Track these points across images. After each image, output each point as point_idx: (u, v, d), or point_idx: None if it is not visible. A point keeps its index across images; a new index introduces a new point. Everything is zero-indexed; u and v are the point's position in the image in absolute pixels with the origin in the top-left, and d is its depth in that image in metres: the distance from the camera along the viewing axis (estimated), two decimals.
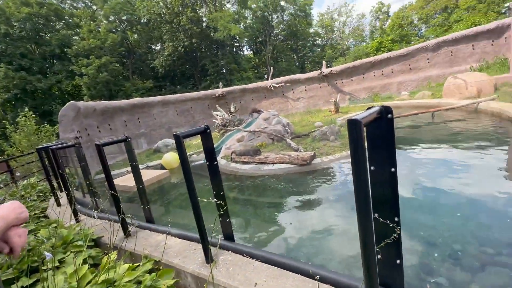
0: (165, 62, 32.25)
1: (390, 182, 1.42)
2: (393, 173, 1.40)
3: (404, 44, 33.23)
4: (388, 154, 1.40)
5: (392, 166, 1.40)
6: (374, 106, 1.42)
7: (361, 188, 1.20)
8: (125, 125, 11.87)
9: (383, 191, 1.44)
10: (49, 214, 4.39)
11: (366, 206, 1.22)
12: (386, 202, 1.45)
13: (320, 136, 7.10)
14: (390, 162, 1.39)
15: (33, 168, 9.81)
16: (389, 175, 1.41)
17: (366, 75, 15.38)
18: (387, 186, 1.43)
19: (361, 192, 1.21)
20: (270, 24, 38.63)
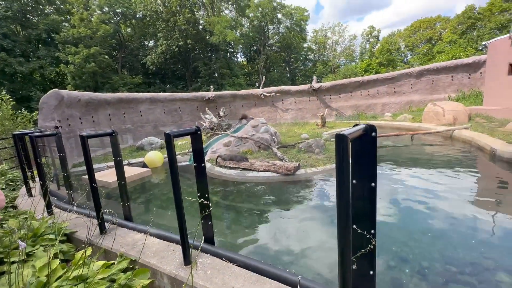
0: (157, 60, 31.83)
1: (369, 196, 1.52)
2: (373, 188, 1.49)
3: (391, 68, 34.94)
4: (369, 170, 1.49)
5: (372, 181, 1.49)
6: (360, 123, 1.52)
7: (343, 200, 1.28)
8: (109, 119, 11.52)
9: (362, 204, 1.53)
10: (19, 205, 4.15)
11: (347, 216, 1.30)
12: (364, 215, 1.53)
13: (305, 148, 7.25)
14: (371, 177, 1.49)
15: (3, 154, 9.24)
16: (369, 189, 1.51)
17: (354, 94, 15.97)
18: (366, 199, 1.52)
19: (342, 203, 1.28)
20: (266, 34, 39.38)
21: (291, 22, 39.89)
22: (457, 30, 35.73)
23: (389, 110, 14.99)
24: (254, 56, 41.16)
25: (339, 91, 16.26)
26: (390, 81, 15.05)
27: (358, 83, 15.77)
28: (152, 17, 31.53)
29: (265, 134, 8.28)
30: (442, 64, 13.96)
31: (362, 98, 15.80)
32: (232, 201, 4.81)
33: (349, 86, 15.99)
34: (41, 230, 2.94)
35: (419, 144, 8.22)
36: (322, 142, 7.43)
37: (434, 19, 40.30)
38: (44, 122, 7.47)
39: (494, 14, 32.83)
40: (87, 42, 27.42)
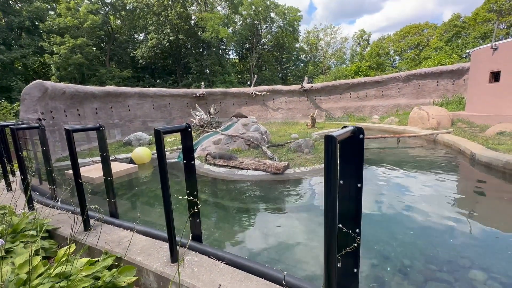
0: (147, 54, 31.13)
1: (355, 196, 1.56)
2: (359, 188, 1.54)
3: (380, 71, 35.73)
4: (356, 171, 1.54)
5: (358, 182, 1.54)
6: (348, 125, 1.56)
7: (330, 199, 1.31)
8: (95, 113, 11.20)
9: (348, 203, 1.57)
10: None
11: (333, 216, 1.34)
12: (350, 214, 1.58)
13: (295, 147, 7.33)
14: (358, 178, 1.54)
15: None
16: (356, 189, 1.55)
17: (343, 96, 16.24)
18: (352, 199, 1.57)
19: (329, 202, 1.32)
20: (259, 33, 39.30)
21: (284, 22, 39.99)
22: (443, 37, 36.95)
23: (377, 112, 15.34)
24: (246, 54, 41.02)
25: (329, 93, 16.49)
26: (378, 84, 15.40)
27: (348, 85, 16.04)
28: (142, 9, 30.80)
29: (255, 133, 8.30)
30: (428, 69, 14.41)
31: (351, 100, 16.09)
32: (220, 199, 4.80)
33: (339, 88, 16.24)
34: (21, 226, 2.84)
35: (405, 146, 8.48)
36: (312, 142, 7.52)
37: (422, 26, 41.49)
38: (26, 114, 7.18)
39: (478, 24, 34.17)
40: (73, 32, 26.45)
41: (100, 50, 30.35)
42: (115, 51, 32.89)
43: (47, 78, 26.97)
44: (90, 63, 27.54)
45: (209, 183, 5.68)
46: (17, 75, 25.77)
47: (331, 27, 45.12)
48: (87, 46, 26.50)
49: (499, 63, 9.40)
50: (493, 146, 6.46)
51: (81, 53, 25.83)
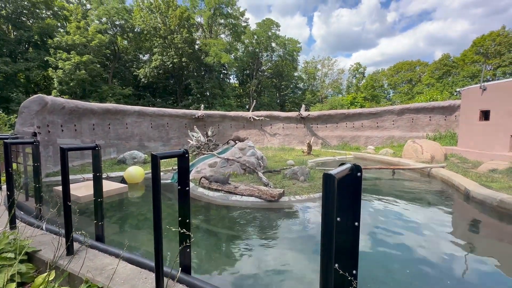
0: (150, 73, 31.91)
1: (352, 235, 1.53)
2: (356, 227, 1.51)
3: (374, 103, 36.93)
4: (353, 209, 1.52)
5: (356, 220, 1.51)
6: (346, 162, 1.57)
7: (327, 239, 1.28)
8: (92, 129, 11.16)
9: (345, 242, 1.53)
10: None
11: (330, 257, 1.30)
12: (346, 254, 1.53)
13: (291, 174, 7.29)
14: (355, 216, 1.51)
15: None
16: (353, 228, 1.52)
17: (339, 125, 16.58)
18: (349, 238, 1.53)
19: (326, 242, 1.29)
20: (259, 60, 40.95)
21: (284, 52, 41.92)
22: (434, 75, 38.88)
23: (372, 143, 15.58)
24: (246, 80, 42.33)
25: (326, 121, 16.83)
26: (373, 116, 15.82)
27: (344, 115, 16.45)
28: (150, 32, 32.14)
29: (251, 158, 8.29)
30: (421, 104, 14.95)
31: (347, 129, 16.40)
32: (212, 226, 4.65)
33: (335, 117, 16.63)
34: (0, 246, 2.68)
35: (400, 178, 8.50)
36: (307, 170, 7.51)
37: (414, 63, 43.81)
38: (22, 127, 7.11)
39: (466, 64, 36.23)
40: (80, 49, 27.23)
41: (104, 67, 31.05)
42: (118, 69, 33.68)
43: (48, 92, 27.20)
44: (93, 79, 28.04)
45: (202, 207, 5.53)
46: (18, 86, 25.99)
47: (329, 59, 47.36)
48: (92, 63, 27.15)
49: (489, 102, 9.81)
50: (487, 183, 6.52)
51: (85, 70, 26.37)
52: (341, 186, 1.53)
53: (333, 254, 1.31)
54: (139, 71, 32.61)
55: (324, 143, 16.66)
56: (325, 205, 1.28)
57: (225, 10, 36.56)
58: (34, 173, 3.73)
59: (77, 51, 26.81)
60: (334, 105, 32.10)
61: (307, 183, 6.87)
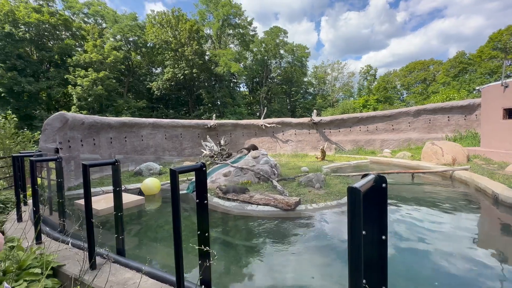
0: (162, 86, 32.87)
1: (380, 249, 1.46)
2: (384, 241, 1.44)
3: (388, 105, 36.11)
4: (380, 221, 1.46)
5: (383, 234, 1.45)
6: (369, 173, 1.51)
7: (355, 255, 1.22)
8: (110, 143, 11.54)
9: (372, 257, 1.46)
10: (7, 230, 3.97)
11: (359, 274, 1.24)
12: (375, 269, 1.46)
13: (306, 182, 7.18)
14: (382, 229, 1.45)
15: None
16: (380, 242, 1.45)
17: (353, 129, 16.29)
18: (376, 253, 1.46)
19: (354, 258, 1.23)
20: (268, 68, 41.29)
21: (292, 58, 42.11)
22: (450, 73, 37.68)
23: (388, 146, 15.17)
24: (256, 87, 42.69)
25: (339, 126, 16.60)
26: (388, 118, 15.45)
27: (357, 118, 16.17)
28: (161, 46, 33.26)
29: (265, 166, 8.25)
30: (438, 104, 14.46)
31: (361, 133, 16.08)
32: (229, 237, 4.62)
33: (348, 121, 16.37)
34: (27, 262, 2.76)
35: (420, 183, 8.17)
36: (323, 176, 7.38)
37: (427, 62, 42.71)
38: (45, 143, 7.45)
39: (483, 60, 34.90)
40: (97, 66, 28.54)
41: (119, 82, 32.31)
42: (133, 83, 34.92)
43: (68, 108, 28.53)
44: (109, 94, 29.19)
45: (218, 218, 5.52)
46: (40, 104, 27.45)
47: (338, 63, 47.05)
48: (108, 79, 28.32)
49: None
50: None
51: (102, 85, 27.53)
52: (365, 198, 1.47)
53: (362, 271, 1.25)
54: (152, 84, 33.67)
55: (338, 148, 16.38)
56: (351, 219, 1.23)
57: (233, 21, 37.37)
58: (58, 188, 3.87)
59: (94, 68, 28.09)
60: (346, 109, 31.66)
61: (323, 190, 6.73)
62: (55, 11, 29.80)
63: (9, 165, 8.41)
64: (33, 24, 27.05)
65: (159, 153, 13.94)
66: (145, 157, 12.83)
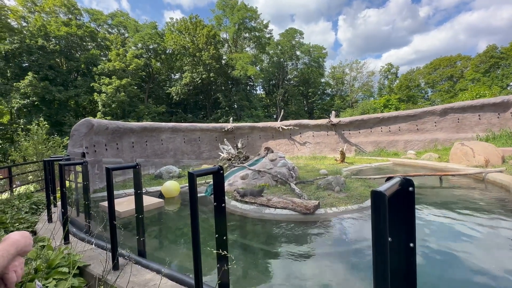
0: (181, 90, 33.84)
1: (407, 257, 1.36)
2: (412, 248, 1.35)
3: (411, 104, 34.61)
4: (407, 228, 1.36)
5: (411, 241, 1.35)
6: (394, 176, 1.43)
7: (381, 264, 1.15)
8: (132, 147, 12.02)
9: (399, 266, 1.37)
10: (39, 230, 4.22)
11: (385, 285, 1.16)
12: (402, 279, 1.37)
13: (325, 185, 7.02)
14: (409, 236, 1.35)
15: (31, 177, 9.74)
16: (407, 250, 1.36)
17: (374, 130, 15.75)
18: (404, 261, 1.37)
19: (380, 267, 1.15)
20: (285, 70, 41.18)
21: (309, 59, 41.71)
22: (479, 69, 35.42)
23: (412, 147, 14.49)
24: (273, 90, 42.70)
25: (359, 127, 16.13)
26: (412, 118, 14.78)
27: (378, 119, 15.62)
28: (180, 51, 34.32)
29: (283, 169, 8.19)
30: (468, 102, 13.61)
31: (382, 134, 15.52)
32: (247, 240, 4.60)
33: (369, 122, 15.87)
34: (56, 261, 2.91)
35: (449, 186, 7.69)
36: (343, 179, 7.19)
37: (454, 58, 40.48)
38: (73, 148, 7.91)
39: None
40: (119, 74, 30.00)
41: (140, 88, 33.69)
42: (153, 89, 36.27)
43: (94, 114, 30.17)
44: (131, 100, 30.51)
45: (236, 221, 5.53)
46: (69, 111, 29.25)
47: (357, 62, 45.87)
48: (130, 86, 29.63)
49: None
50: None
51: (124, 92, 28.84)
52: (391, 202, 1.39)
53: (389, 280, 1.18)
54: (171, 89, 34.76)
55: (358, 150, 15.91)
56: (375, 225, 1.16)
57: (249, 24, 37.77)
58: (84, 191, 4.07)
59: (117, 75, 29.54)
60: (366, 109, 30.74)
61: (343, 193, 6.55)
62: (82, 24, 31.79)
63: (41, 168, 9.01)
64: (63, 36, 29.02)
65: (178, 157, 14.32)
66: (164, 161, 13.23)
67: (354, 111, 31.87)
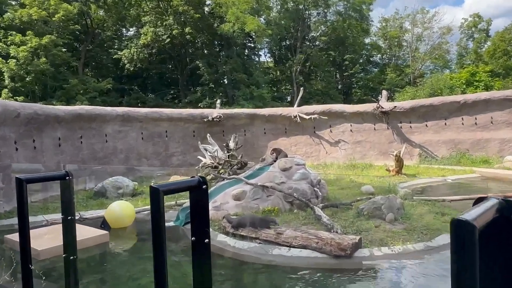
0: (138, 55, 33.78)
1: None
2: None
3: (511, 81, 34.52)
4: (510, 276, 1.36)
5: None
6: (488, 198, 1.42)
7: None
8: (58, 145, 12.02)
9: None
10: None
11: None
12: None
13: (370, 210, 7.05)
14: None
15: None
16: None
17: (450, 121, 15.72)
18: None
19: None
20: (306, 23, 41.09)
21: (345, 6, 41.58)
22: None
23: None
24: (286, 55, 42.63)
25: (425, 117, 16.09)
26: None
27: (458, 104, 15.59)
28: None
29: (301, 183, 8.19)
30: None
31: (464, 129, 15.49)
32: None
33: (442, 109, 15.83)
34: None
35: None
36: (399, 202, 7.22)
37: None
38: None
39: None
40: (39, 28, 29.96)
41: (72, 52, 33.67)
42: (93, 53, 36.25)
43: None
44: (57, 70, 30.49)
45: (226, 267, 5.54)
46: None
47: (424, 12, 45.72)
48: (56, 47, 29.60)
49: None
50: None
51: (46, 57, 28.82)
52: (484, 239, 1.38)
53: None
54: (122, 53, 34.71)
55: (423, 153, 15.90)
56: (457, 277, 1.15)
57: None
58: None
59: (35, 30, 29.47)
60: (438, 88, 30.65)
61: (399, 224, 6.60)
62: None
63: None
64: None
65: (132, 162, 14.32)
66: (111, 168, 13.23)
67: (418, 91, 31.77)
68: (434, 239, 5.82)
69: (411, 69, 44.10)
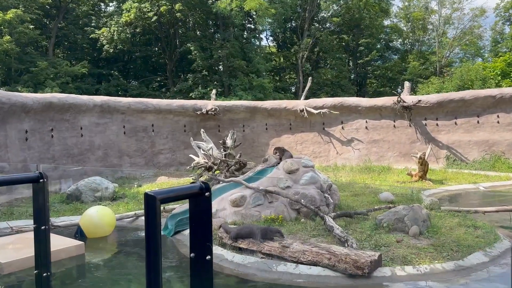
0: (118, 35, 33.68)
1: None
2: None
3: None
4: None
5: None
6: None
7: None
8: (24, 139, 11.97)
9: None
10: None
11: None
12: None
13: (391, 222, 7.04)
14: None
15: None
16: None
17: (484, 119, 15.74)
18: None
19: None
20: (315, 1, 40.99)
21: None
22: None
23: None
24: (292, 39, 42.61)
25: (454, 112, 16.12)
26: None
27: (493, 99, 15.62)
28: None
29: (310, 188, 8.20)
30: None
31: (501, 128, 15.52)
32: None
33: (474, 104, 15.86)
34: None
35: None
36: (425, 212, 7.22)
37: None
38: None
39: None
40: (2, 1, 29.86)
41: (41, 29, 33.52)
42: (66, 31, 36.09)
43: None
44: (23, 50, 30.37)
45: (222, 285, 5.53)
46: None
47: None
48: (22, 23, 29.48)
49: None
50: None
51: (11, 35, 28.70)
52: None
53: None
54: (100, 31, 34.57)
55: (451, 156, 15.93)
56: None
57: None
58: None
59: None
60: (468, 80, 30.69)
61: (425, 239, 6.60)
62: None
63: None
64: None
65: (112, 160, 14.30)
66: (88, 167, 13.18)
67: (446, 83, 31.79)
68: (466, 258, 5.79)
69: (437, 56, 44.06)
